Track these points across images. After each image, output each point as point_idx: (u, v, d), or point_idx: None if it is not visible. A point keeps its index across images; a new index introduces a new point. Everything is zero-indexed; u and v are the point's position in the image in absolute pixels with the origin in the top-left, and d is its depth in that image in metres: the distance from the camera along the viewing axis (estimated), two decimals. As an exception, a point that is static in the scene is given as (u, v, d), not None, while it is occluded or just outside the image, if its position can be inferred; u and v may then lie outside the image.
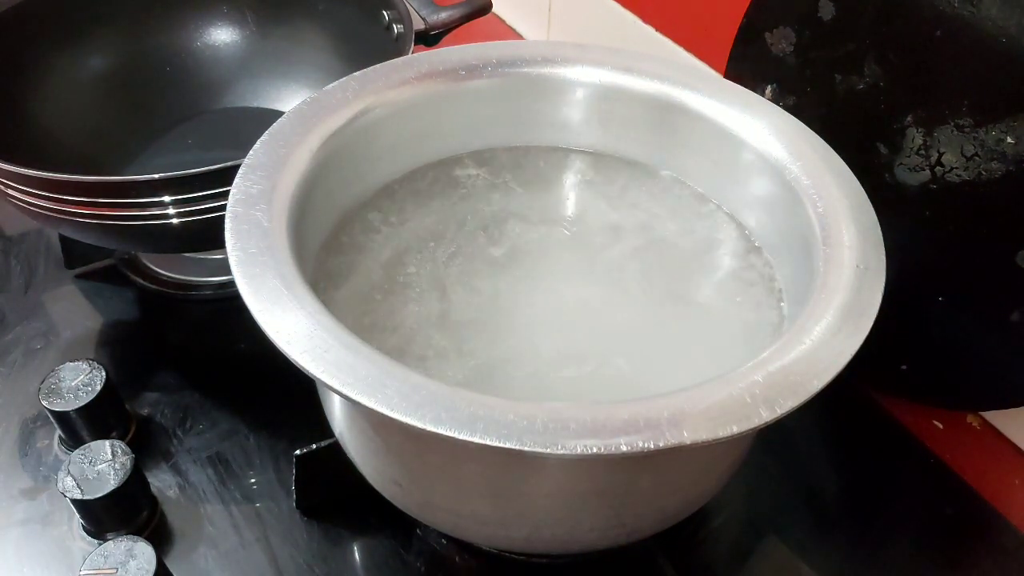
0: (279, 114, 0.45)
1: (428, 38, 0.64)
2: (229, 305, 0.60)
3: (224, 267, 0.37)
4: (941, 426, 0.55)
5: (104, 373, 0.50)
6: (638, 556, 0.47)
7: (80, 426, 0.50)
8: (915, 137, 0.48)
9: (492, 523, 0.41)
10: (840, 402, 0.52)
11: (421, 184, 0.51)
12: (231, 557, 0.47)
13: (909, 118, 0.48)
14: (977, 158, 0.46)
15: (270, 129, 0.44)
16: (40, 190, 0.49)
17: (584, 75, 0.50)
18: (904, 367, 0.52)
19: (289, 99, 0.70)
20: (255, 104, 0.71)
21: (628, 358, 0.43)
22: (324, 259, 0.46)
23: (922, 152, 0.48)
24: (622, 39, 0.74)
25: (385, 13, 0.62)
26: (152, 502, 0.48)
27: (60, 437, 0.52)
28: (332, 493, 0.48)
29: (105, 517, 0.46)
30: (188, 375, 0.56)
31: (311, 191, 0.42)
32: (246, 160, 0.42)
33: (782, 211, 0.45)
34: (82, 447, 0.46)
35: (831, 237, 0.40)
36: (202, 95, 0.71)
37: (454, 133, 0.51)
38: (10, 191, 0.50)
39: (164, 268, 0.62)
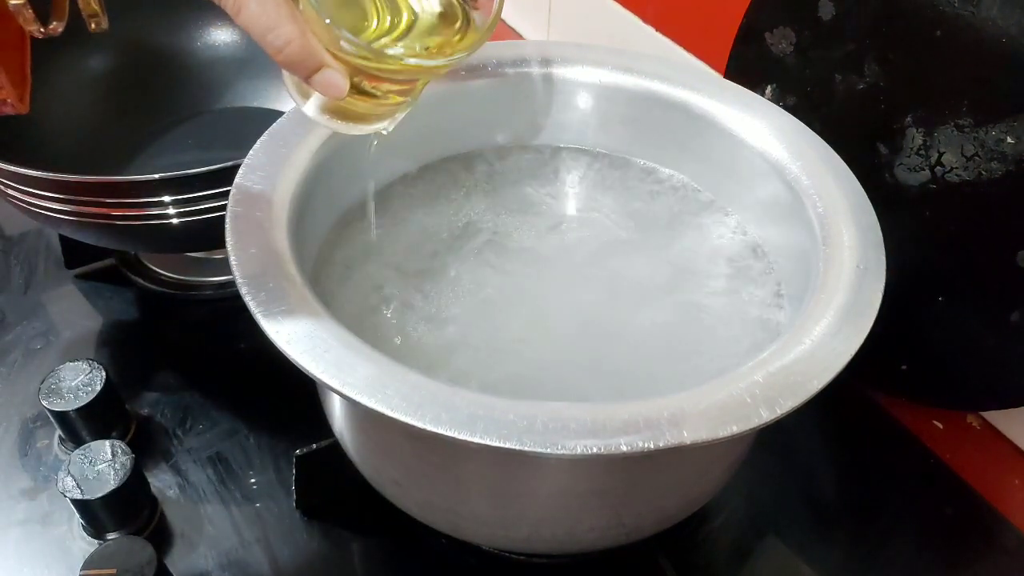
0: (279, 114, 0.45)
1: (428, 38, 0.64)
2: (229, 305, 0.60)
3: (224, 267, 0.37)
4: (941, 426, 0.55)
5: (104, 373, 0.50)
6: (638, 556, 0.47)
7: (80, 426, 0.50)
8: (915, 137, 0.48)
9: (492, 523, 0.41)
10: (840, 402, 0.52)
11: (421, 184, 0.51)
12: (231, 557, 0.47)
13: (909, 118, 0.48)
14: (977, 158, 0.46)
15: (270, 129, 0.44)
16: (40, 190, 0.49)
17: (584, 75, 0.50)
18: (904, 367, 0.52)
19: (289, 99, 0.69)
20: (255, 104, 0.71)
21: (627, 358, 0.43)
22: (324, 259, 0.46)
23: (922, 152, 0.48)
24: (622, 39, 0.74)
25: (385, 13, 0.62)
26: (152, 502, 0.48)
27: (60, 437, 0.52)
28: (332, 493, 0.48)
29: (105, 517, 0.46)
30: (188, 375, 0.56)
31: (311, 191, 0.42)
32: (246, 160, 0.42)
33: (782, 211, 0.45)
34: (82, 447, 0.46)
35: (831, 237, 0.40)
36: (202, 95, 0.71)
37: (454, 133, 0.51)
38: (10, 191, 0.50)
39: (164, 268, 0.62)
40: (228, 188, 0.40)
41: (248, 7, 0.32)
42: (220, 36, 0.72)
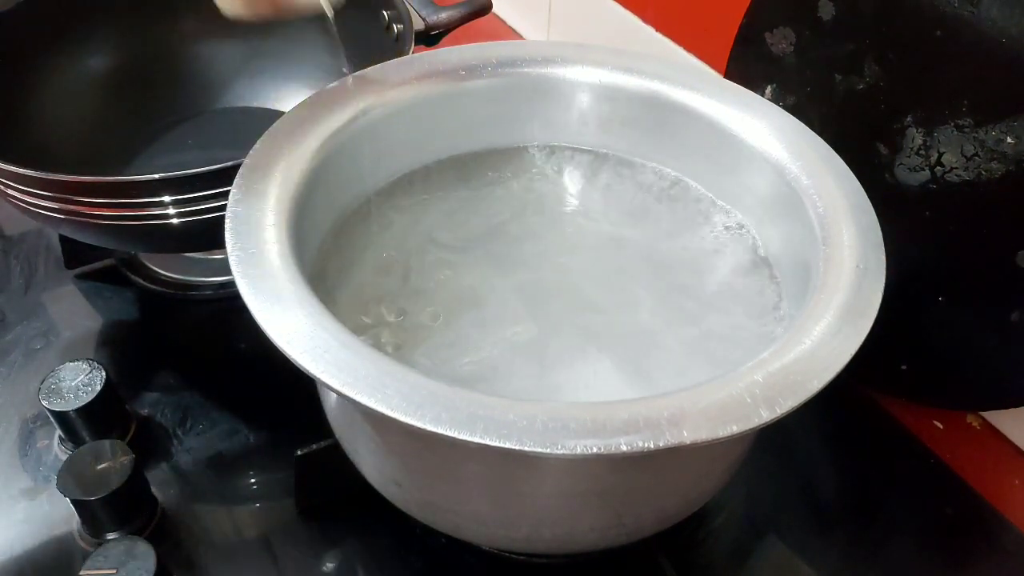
0: (279, 114, 0.45)
1: (428, 38, 0.64)
2: (229, 305, 0.60)
3: (224, 267, 0.37)
4: (941, 426, 0.55)
5: (104, 373, 0.50)
6: (638, 556, 0.47)
7: (80, 426, 0.50)
8: (915, 137, 0.48)
9: (492, 523, 0.41)
10: (840, 402, 0.52)
11: (421, 184, 0.51)
12: (231, 557, 0.47)
13: (909, 118, 0.48)
14: (977, 158, 0.46)
15: (270, 129, 0.44)
16: (40, 190, 0.49)
17: (584, 75, 0.50)
18: (904, 367, 0.52)
19: (289, 99, 0.70)
20: (255, 104, 0.71)
21: (628, 358, 0.43)
22: (324, 259, 0.46)
23: (922, 152, 0.48)
24: (622, 39, 0.74)
25: (385, 13, 0.62)
26: (152, 502, 0.48)
27: (60, 437, 0.52)
28: (332, 493, 0.48)
29: (105, 517, 0.46)
30: (188, 375, 0.56)
31: (311, 191, 0.42)
32: (246, 160, 0.42)
33: (782, 211, 0.45)
34: (82, 447, 0.46)
35: (831, 237, 0.40)
36: (202, 95, 0.71)
37: (454, 133, 0.51)
38: (10, 191, 0.50)
39: (164, 268, 0.62)
40: (228, 188, 0.40)
41: None
42: (220, 36, 0.72)
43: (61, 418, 0.49)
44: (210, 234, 0.45)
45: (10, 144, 0.56)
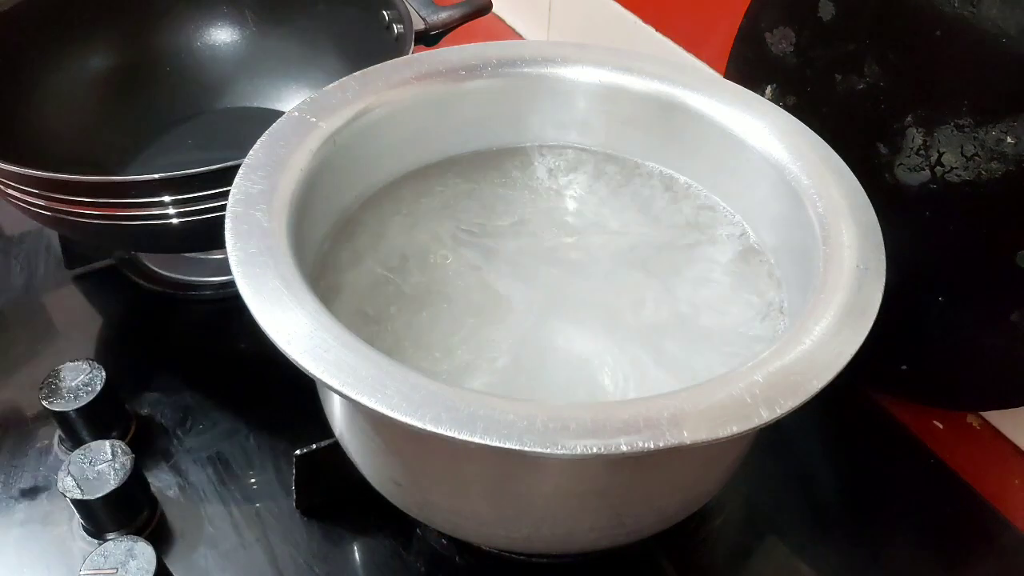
0: (279, 114, 0.45)
1: (428, 38, 0.64)
2: (229, 305, 0.60)
3: (224, 267, 0.37)
4: (941, 426, 0.55)
5: (104, 373, 0.50)
6: (638, 556, 0.47)
7: (80, 426, 0.50)
8: (915, 137, 0.48)
9: (492, 523, 0.41)
10: (840, 402, 0.52)
11: (421, 184, 0.51)
12: (231, 557, 0.47)
13: (909, 118, 0.48)
14: (977, 158, 0.46)
15: (270, 129, 0.44)
16: (40, 190, 0.49)
17: (584, 75, 0.50)
18: (904, 367, 0.52)
19: (289, 99, 0.70)
20: (255, 104, 0.71)
21: (627, 358, 0.43)
22: (324, 259, 0.46)
23: (922, 152, 0.48)
24: (622, 39, 0.74)
25: (385, 13, 0.62)
26: (152, 502, 0.48)
27: (60, 437, 0.52)
28: (332, 493, 0.48)
29: (105, 517, 0.46)
30: (188, 375, 0.56)
31: (311, 191, 0.42)
32: (246, 160, 0.42)
33: (782, 211, 0.45)
34: (82, 447, 0.46)
35: (831, 237, 0.40)
36: (202, 95, 0.71)
37: (454, 133, 0.51)
38: (10, 191, 0.50)
39: (164, 268, 0.62)
40: (228, 188, 0.40)
41: None
42: (220, 36, 0.72)
43: (61, 418, 0.49)
44: (210, 234, 0.45)
45: (10, 144, 0.56)
